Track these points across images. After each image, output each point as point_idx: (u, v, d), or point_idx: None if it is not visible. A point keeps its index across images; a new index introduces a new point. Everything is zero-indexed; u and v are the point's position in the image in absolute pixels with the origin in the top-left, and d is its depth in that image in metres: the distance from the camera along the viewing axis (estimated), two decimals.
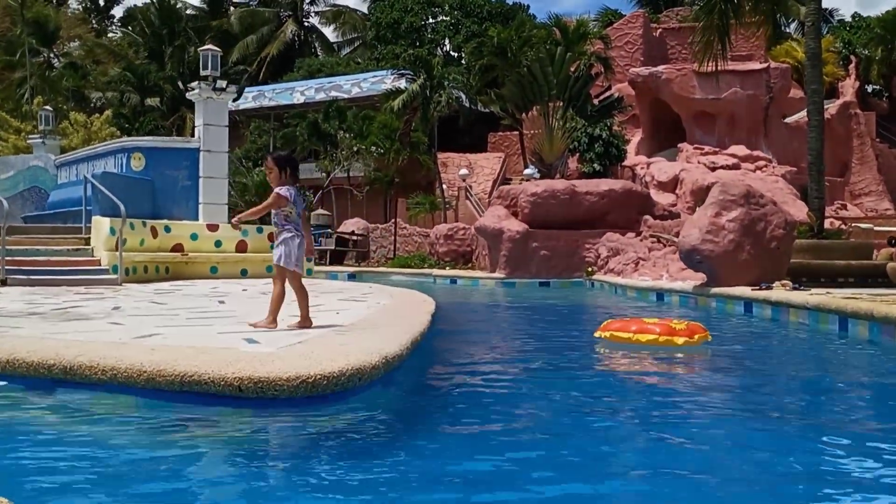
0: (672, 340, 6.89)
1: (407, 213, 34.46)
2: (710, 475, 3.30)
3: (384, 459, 3.42)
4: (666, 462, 3.49)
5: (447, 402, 5.10)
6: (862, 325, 8.16)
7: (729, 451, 3.77)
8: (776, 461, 3.52)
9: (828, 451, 3.70)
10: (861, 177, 35.29)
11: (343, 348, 5.11)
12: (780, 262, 12.93)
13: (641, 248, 20.08)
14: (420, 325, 7.08)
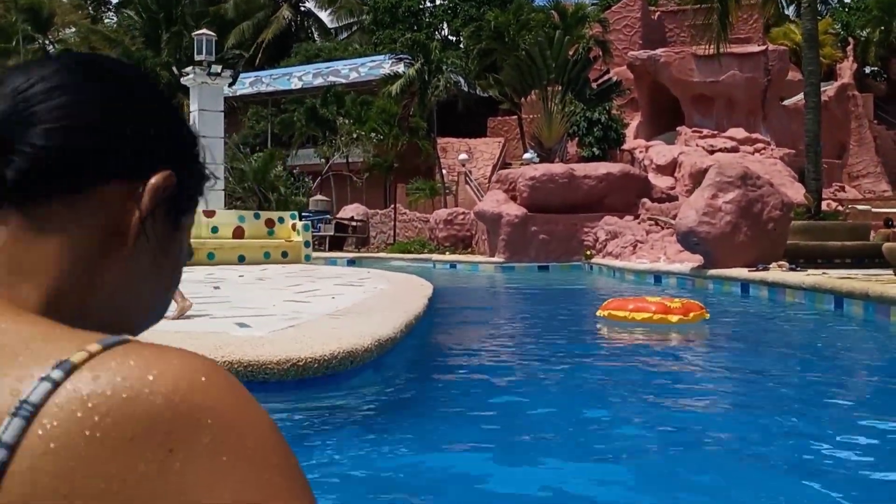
0: (666, 318, 7.05)
1: (407, 199, 34.41)
2: (704, 450, 3.31)
3: (376, 440, 3.43)
4: (657, 436, 3.51)
5: (442, 384, 5.13)
6: (857, 305, 8.18)
7: (722, 426, 3.79)
8: (768, 435, 3.54)
9: (820, 427, 3.71)
10: (859, 158, 35.21)
11: (335, 332, 5.12)
12: (776, 243, 12.93)
13: (639, 230, 20.08)
14: (416, 308, 7.09)
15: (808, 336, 7.59)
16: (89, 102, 0.58)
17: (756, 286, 11.09)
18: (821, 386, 4.98)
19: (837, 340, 7.22)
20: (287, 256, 17.70)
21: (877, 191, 33.38)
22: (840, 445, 3.36)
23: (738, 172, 13.01)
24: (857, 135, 35.47)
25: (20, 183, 0.55)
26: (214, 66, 16.17)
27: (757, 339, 7.22)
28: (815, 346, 6.86)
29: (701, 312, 7.34)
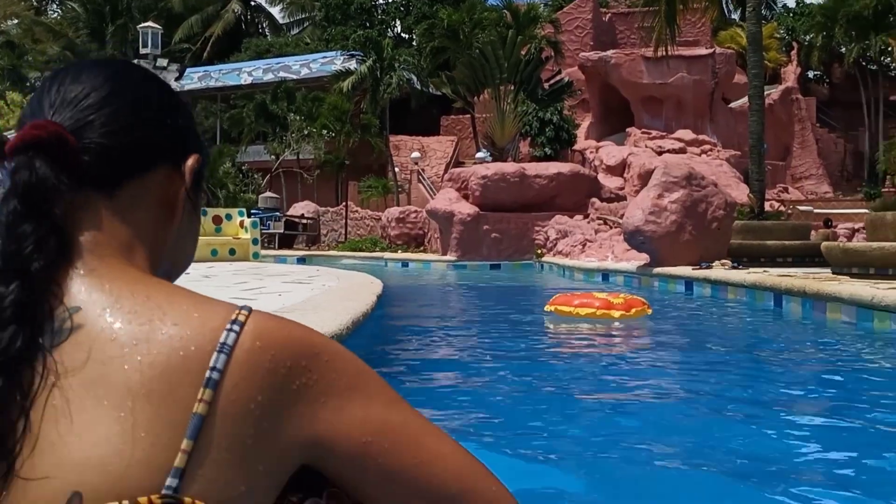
0: (609, 314, 7.27)
1: (359, 197, 34.30)
2: (643, 444, 3.39)
3: None
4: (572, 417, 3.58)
5: (390, 381, 5.14)
6: (795, 302, 8.42)
7: (662, 419, 3.87)
8: (708, 428, 3.63)
9: (760, 420, 3.82)
10: (802, 161, 36.08)
11: None
12: (720, 242, 13.21)
13: (589, 230, 20.33)
14: (364, 306, 7.09)
15: (749, 332, 7.80)
16: (135, 106, 0.78)
17: (699, 284, 11.34)
18: (760, 379, 5.13)
19: (776, 336, 7.43)
20: (235, 254, 17.53)
21: (819, 192, 34.23)
22: (778, 438, 3.45)
23: (684, 173, 13.27)
24: (800, 137, 36.33)
25: (96, 173, 0.74)
26: (160, 60, 15.94)
27: (699, 334, 7.40)
28: (756, 342, 7.05)
29: (643, 308, 7.57)
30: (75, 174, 0.72)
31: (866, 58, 36.00)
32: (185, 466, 0.62)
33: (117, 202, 0.76)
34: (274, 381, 0.67)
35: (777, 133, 33.55)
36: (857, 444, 3.26)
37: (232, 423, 0.65)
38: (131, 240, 0.76)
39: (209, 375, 0.65)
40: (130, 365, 0.65)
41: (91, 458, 0.62)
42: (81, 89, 0.77)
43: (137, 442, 0.62)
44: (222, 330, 0.67)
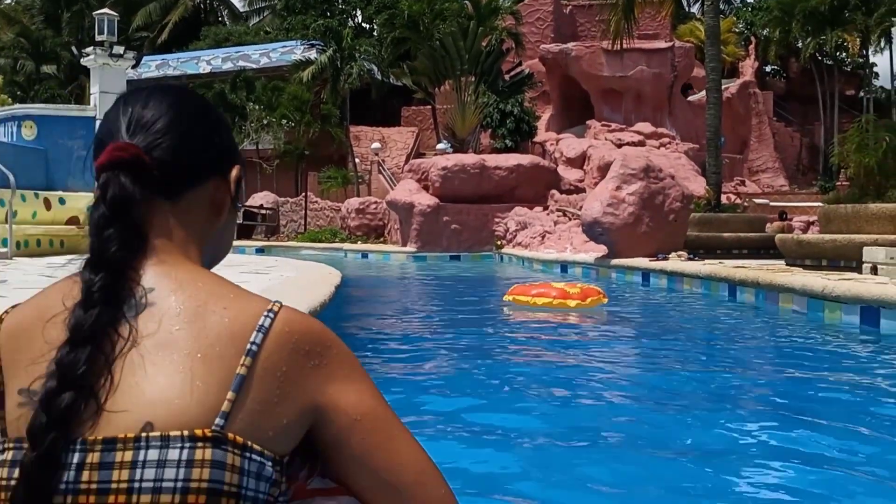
0: (565, 303, 7.41)
1: (319, 187, 34.06)
2: (599, 432, 3.39)
3: None
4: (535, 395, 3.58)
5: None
6: (749, 292, 8.54)
7: (618, 406, 3.89)
8: (662, 416, 3.65)
9: (714, 408, 3.86)
10: (759, 154, 36.61)
11: None
12: (677, 234, 13.35)
13: (548, 221, 20.42)
14: (322, 296, 7.04)
15: (703, 321, 7.89)
16: (193, 131, 1.00)
17: (656, 275, 11.45)
18: (713, 367, 5.19)
19: (730, 325, 7.53)
20: None
21: (775, 185, 34.77)
22: (731, 423, 3.48)
23: (642, 165, 13.37)
24: (757, 131, 36.86)
25: (164, 185, 0.95)
26: (117, 47, 15.62)
27: (654, 324, 7.47)
28: (709, 331, 7.14)
29: (598, 297, 7.70)
30: (148, 186, 0.94)
31: (822, 53, 36.60)
32: (230, 411, 0.86)
33: (178, 207, 0.98)
34: (296, 358, 0.90)
35: (734, 126, 34.00)
36: (807, 428, 3.30)
37: (264, 384, 0.88)
38: (187, 238, 0.99)
39: (250, 347, 0.88)
40: (190, 334, 0.88)
41: (160, 399, 0.85)
42: (151, 115, 0.99)
43: (194, 390, 0.86)
44: (261, 315, 0.90)
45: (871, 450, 2.98)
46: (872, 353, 5.59)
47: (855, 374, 4.80)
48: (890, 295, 6.01)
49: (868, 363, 5.26)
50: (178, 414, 0.85)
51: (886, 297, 6.03)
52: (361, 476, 0.95)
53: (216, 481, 0.85)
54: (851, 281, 6.84)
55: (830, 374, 4.83)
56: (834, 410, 3.72)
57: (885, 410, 3.78)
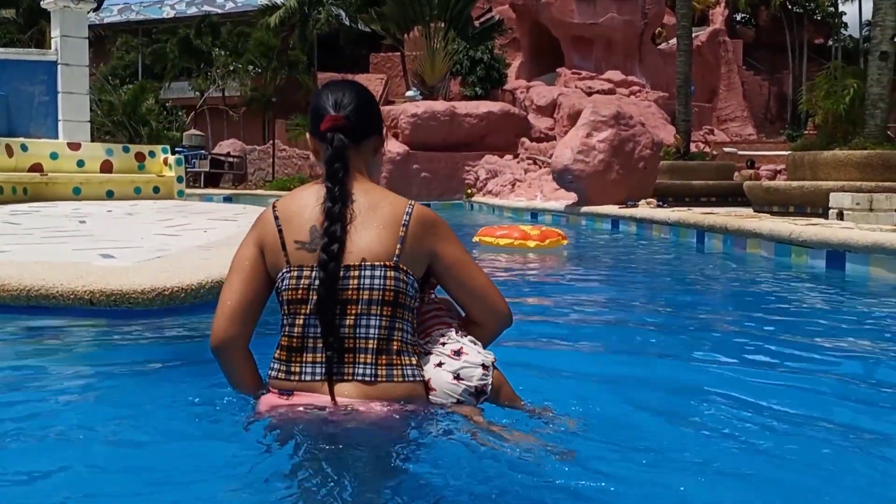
0: (525, 244, 7.89)
1: (287, 135, 33.64)
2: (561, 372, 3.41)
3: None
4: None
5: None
6: (717, 238, 8.63)
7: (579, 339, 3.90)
8: (629, 356, 3.68)
9: (679, 348, 3.89)
10: (728, 103, 36.68)
11: (206, 262, 5.00)
12: (646, 181, 13.41)
13: (518, 169, 20.40)
14: None
15: (671, 265, 7.98)
16: (367, 108, 2.17)
17: (625, 222, 11.52)
18: (679, 309, 5.24)
19: (698, 269, 7.61)
20: (159, 192, 17.05)
21: (743, 134, 34.93)
22: (694, 365, 3.49)
23: (612, 112, 13.35)
24: (726, 80, 36.88)
25: (355, 138, 2.11)
26: None
27: (619, 267, 7.53)
28: (677, 275, 7.20)
29: (557, 239, 8.01)
30: (349, 138, 2.07)
31: (792, 1, 36.54)
32: (399, 254, 2.02)
33: (359, 150, 2.12)
34: (423, 227, 2.07)
35: (704, 75, 33.97)
36: (772, 372, 3.34)
37: (411, 239, 2.04)
38: (363, 166, 2.13)
39: (405, 221, 2.05)
40: (373, 217, 2.03)
41: (367, 247, 2.01)
42: (347, 98, 2.12)
43: (382, 241, 2.02)
44: (407, 205, 2.08)
45: (835, 388, 3.04)
46: (838, 296, 5.68)
47: (820, 316, 4.89)
48: (855, 239, 6.10)
49: (834, 305, 5.35)
50: (376, 254, 2.00)
51: (852, 241, 6.13)
52: (456, 288, 2.19)
53: (397, 285, 2.01)
54: (818, 226, 6.93)
55: (797, 316, 4.91)
56: (798, 350, 3.77)
57: (850, 350, 3.85)
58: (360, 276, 1.98)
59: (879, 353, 3.76)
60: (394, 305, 1.99)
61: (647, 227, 10.74)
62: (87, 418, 2.45)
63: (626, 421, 2.39)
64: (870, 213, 8.24)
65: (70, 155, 15.22)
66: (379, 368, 1.97)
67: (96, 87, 31.17)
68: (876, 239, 5.90)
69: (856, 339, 4.06)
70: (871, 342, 3.96)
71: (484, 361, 2.10)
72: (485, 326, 2.20)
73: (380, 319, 1.98)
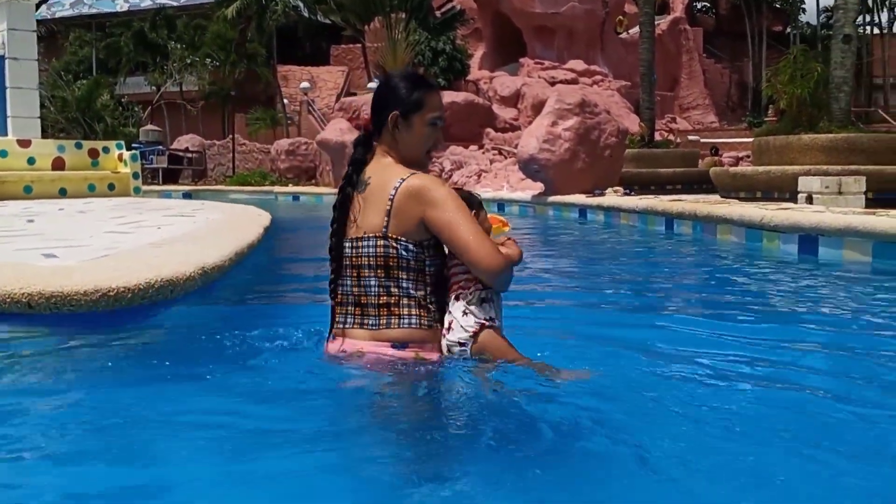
0: None
1: (247, 129, 33.13)
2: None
3: (192, 372, 3.13)
4: None
5: (272, 315, 4.81)
6: (686, 225, 8.50)
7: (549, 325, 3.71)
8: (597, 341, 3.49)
9: (647, 329, 3.70)
10: (689, 91, 36.84)
11: (156, 260, 4.72)
12: (612, 170, 13.28)
13: (484, 160, 20.21)
14: (248, 237, 6.71)
15: (641, 253, 7.80)
16: (375, 99, 2.66)
17: (593, 211, 11.37)
18: (652, 294, 5.07)
19: (667, 257, 7.46)
20: (114, 189, 16.60)
21: (705, 122, 35.12)
22: (669, 344, 3.31)
23: (577, 100, 13.19)
24: (687, 68, 37.02)
25: (375, 131, 2.65)
26: None
27: (588, 255, 7.35)
28: (646, 262, 7.04)
29: (498, 227, 7.69)
30: (371, 134, 2.66)
31: None
32: (387, 224, 2.51)
33: (384, 135, 2.60)
34: (408, 198, 2.47)
35: (665, 64, 34.03)
36: (748, 352, 3.18)
37: (396, 211, 2.49)
38: (386, 146, 2.61)
39: (391, 195, 2.49)
40: (379, 192, 2.53)
41: (368, 220, 2.55)
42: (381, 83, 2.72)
43: (376, 216, 2.52)
44: (397, 180, 2.49)
45: (807, 374, 2.88)
46: (812, 281, 5.54)
47: (795, 300, 4.74)
48: (828, 222, 5.98)
49: (808, 290, 5.21)
50: (372, 227, 2.51)
51: (825, 224, 6.00)
52: (448, 248, 2.53)
53: (387, 251, 2.50)
54: (789, 210, 6.81)
55: (771, 301, 4.76)
56: (771, 335, 3.62)
57: (823, 333, 3.71)
58: (362, 246, 2.55)
59: (856, 336, 3.61)
60: (386, 268, 2.53)
61: (615, 216, 10.60)
62: (18, 430, 2.26)
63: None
64: (839, 197, 8.17)
65: (20, 152, 14.74)
66: (381, 318, 2.56)
67: (49, 83, 30.42)
68: (849, 222, 5.78)
69: (831, 323, 3.93)
70: (846, 327, 3.83)
71: (460, 339, 2.53)
72: (480, 279, 2.54)
73: (378, 280, 2.54)
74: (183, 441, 2.12)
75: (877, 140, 10.18)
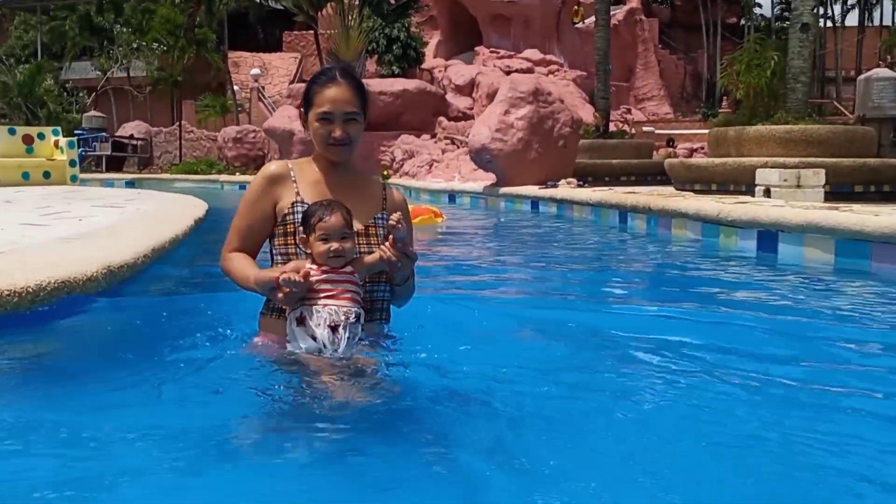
0: None
1: (196, 117, 32.29)
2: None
3: (90, 384, 2.69)
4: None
5: (194, 315, 4.29)
6: (640, 219, 8.18)
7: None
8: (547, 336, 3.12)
9: (601, 321, 3.35)
10: (645, 82, 36.77)
11: (56, 258, 4.23)
12: (567, 160, 12.95)
13: (435, 149, 19.79)
14: (174, 231, 6.23)
15: (593, 248, 7.44)
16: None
17: (545, 203, 11.02)
18: (603, 290, 4.71)
19: (621, 251, 7.13)
20: (50, 177, 15.91)
21: (660, 113, 35.08)
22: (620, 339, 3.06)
23: (530, 88, 12.82)
24: (643, 59, 36.94)
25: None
26: None
27: (539, 252, 6.98)
28: (598, 258, 6.69)
29: (430, 217, 7.66)
30: None
31: None
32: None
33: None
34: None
35: (621, 54, 33.88)
36: (704, 352, 2.87)
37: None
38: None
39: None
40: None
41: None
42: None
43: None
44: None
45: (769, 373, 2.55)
46: (771, 281, 5.23)
47: (752, 301, 4.43)
48: (788, 218, 5.66)
49: (766, 289, 4.89)
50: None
51: (785, 219, 5.69)
52: None
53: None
54: (748, 204, 6.50)
55: (729, 300, 4.42)
56: (730, 335, 3.29)
57: (785, 335, 3.39)
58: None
59: (819, 337, 3.29)
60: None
61: (567, 209, 10.26)
62: None
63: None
64: (797, 190, 7.90)
65: None
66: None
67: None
68: (810, 218, 5.47)
69: (790, 325, 3.62)
70: (804, 330, 3.51)
71: None
72: None
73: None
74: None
75: (833, 132, 9.96)
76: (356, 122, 2.69)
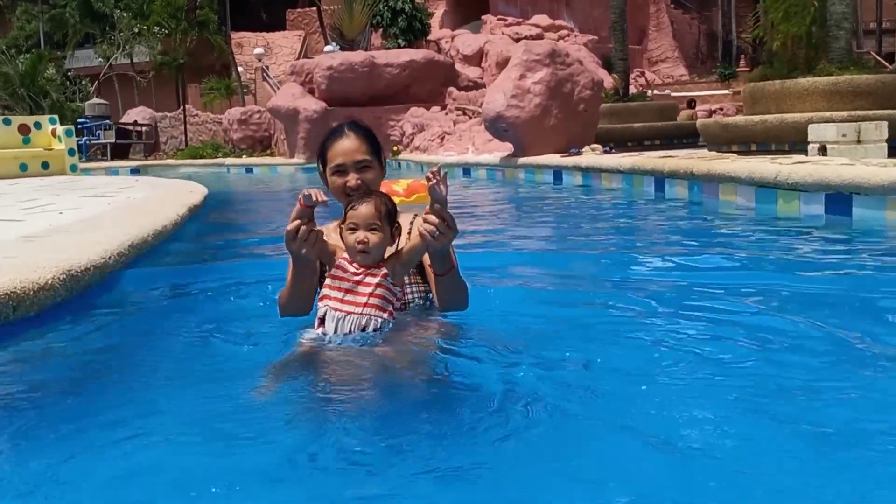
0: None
1: (201, 100, 31.61)
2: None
3: (46, 409, 2.19)
4: None
5: (185, 321, 3.54)
6: (681, 185, 7.37)
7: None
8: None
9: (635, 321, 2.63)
10: (658, 43, 35.75)
11: (7, 262, 3.55)
12: (588, 125, 12.14)
13: (447, 121, 18.98)
14: (160, 222, 5.55)
15: (627, 223, 6.65)
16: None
17: (570, 172, 10.22)
18: (647, 271, 3.95)
19: (663, 223, 6.32)
20: (49, 168, 15.31)
21: (675, 75, 34.08)
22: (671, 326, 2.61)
23: (546, 50, 11.98)
24: (655, 19, 35.88)
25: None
26: None
27: (567, 226, 6.22)
28: (634, 234, 5.91)
29: (425, 195, 6.73)
30: None
31: None
32: None
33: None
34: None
35: (633, 16, 32.77)
36: (788, 353, 2.31)
37: None
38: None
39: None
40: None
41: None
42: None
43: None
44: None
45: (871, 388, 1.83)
46: (850, 249, 4.46)
47: (833, 271, 3.69)
48: (866, 178, 4.87)
49: (847, 260, 4.12)
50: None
51: (862, 180, 4.90)
52: None
53: None
54: (811, 164, 5.70)
55: (793, 277, 3.66)
56: (805, 320, 2.60)
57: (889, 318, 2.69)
58: None
59: None
60: None
61: (595, 178, 9.45)
62: None
63: None
64: (858, 146, 7.09)
65: None
66: None
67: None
68: (894, 177, 4.68)
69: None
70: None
71: None
72: None
73: None
74: None
75: (883, 81, 9.09)
76: (370, 168, 2.68)
